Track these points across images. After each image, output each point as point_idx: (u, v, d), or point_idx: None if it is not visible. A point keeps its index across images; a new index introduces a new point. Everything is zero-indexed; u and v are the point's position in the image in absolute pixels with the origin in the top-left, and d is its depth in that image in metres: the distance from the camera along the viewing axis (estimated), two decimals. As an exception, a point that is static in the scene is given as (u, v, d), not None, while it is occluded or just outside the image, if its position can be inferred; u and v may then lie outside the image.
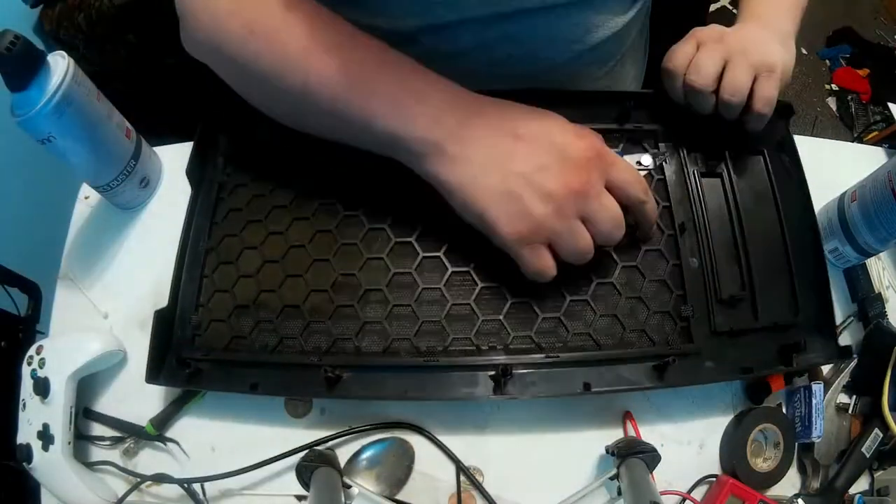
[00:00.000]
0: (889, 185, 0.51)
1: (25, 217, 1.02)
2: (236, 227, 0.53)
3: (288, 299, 0.50)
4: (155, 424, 0.50)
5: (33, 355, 0.49)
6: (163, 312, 0.49)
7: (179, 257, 0.52)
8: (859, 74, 1.95)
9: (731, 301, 0.51)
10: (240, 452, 0.48)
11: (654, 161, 0.51)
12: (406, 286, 0.50)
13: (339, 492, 0.44)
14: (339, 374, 0.47)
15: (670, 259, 0.51)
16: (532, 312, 0.49)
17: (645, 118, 0.56)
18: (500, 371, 0.46)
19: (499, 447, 0.50)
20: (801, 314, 0.51)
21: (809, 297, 0.52)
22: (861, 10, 2.14)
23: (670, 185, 0.54)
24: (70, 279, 0.56)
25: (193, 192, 0.54)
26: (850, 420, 0.53)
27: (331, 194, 0.53)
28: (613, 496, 0.49)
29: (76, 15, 1.12)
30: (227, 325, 0.50)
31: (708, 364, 0.49)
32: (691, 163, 0.55)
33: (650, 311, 0.50)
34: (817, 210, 0.60)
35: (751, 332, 0.50)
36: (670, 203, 0.53)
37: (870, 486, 0.52)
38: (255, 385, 0.47)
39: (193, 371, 0.48)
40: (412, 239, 0.51)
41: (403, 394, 0.47)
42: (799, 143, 0.57)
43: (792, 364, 0.49)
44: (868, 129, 1.86)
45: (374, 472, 0.48)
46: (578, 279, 0.50)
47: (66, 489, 0.47)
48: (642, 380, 0.48)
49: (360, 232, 0.51)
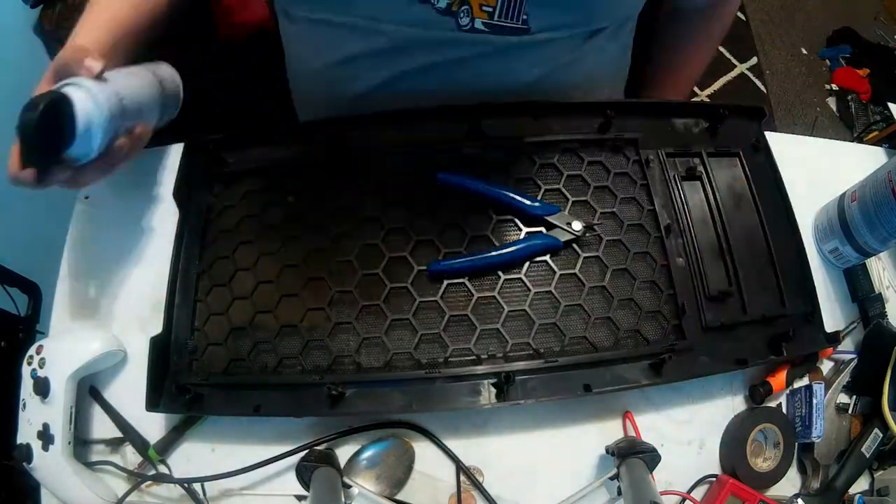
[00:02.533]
0: (889, 185, 0.51)
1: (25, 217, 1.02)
2: (228, 249, 0.53)
3: (285, 319, 0.50)
4: (158, 450, 0.49)
5: (33, 355, 0.49)
6: (158, 339, 0.49)
7: (171, 281, 0.51)
8: (859, 74, 1.95)
9: (720, 297, 0.52)
10: (240, 452, 0.48)
11: (583, 227, 0.52)
12: (403, 300, 0.50)
13: (339, 492, 0.44)
14: (342, 392, 0.47)
15: (658, 260, 0.53)
16: (528, 319, 0.50)
17: (625, 127, 0.57)
18: (501, 378, 0.46)
19: (499, 447, 0.50)
20: (787, 305, 0.52)
21: (794, 288, 0.53)
22: (861, 10, 2.14)
23: (654, 190, 0.55)
24: (70, 279, 0.56)
25: (181, 214, 0.54)
26: (850, 420, 0.53)
27: (322, 213, 0.53)
28: (613, 496, 0.49)
29: (76, 15, 1.12)
30: (225, 347, 0.50)
31: (702, 358, 0.50)
32: (671, 167, 0.56)
33: (642, 311, 0.51)
34: (817, 210, 0.60)
35: (741, 325, 0.52)
36: (654, 206, 0.54)
37: (870, 486, 0.52)
38: (257, 407, 0.47)
39: (194, 396, 0.48)
40: (406, 253, 0.51)
41: (408, 407, 0.47)
42: (799, 143, 0.57)
43: (782, 353, 0.51)
44: (868, 129, 1.86)
45: (374, 472, 0.49)
46: (571, 285, 0.51)
47: (66, 489, 0.47)
48: (640, 378, 0.49)
49: (354, 248, 0.52)
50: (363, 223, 0.52)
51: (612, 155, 0.56)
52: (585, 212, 0.54)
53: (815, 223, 0.60)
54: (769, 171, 0.57)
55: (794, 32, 2.04)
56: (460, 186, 0.53)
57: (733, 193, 0.56)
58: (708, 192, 0.55)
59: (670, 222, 0.54)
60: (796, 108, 1.91)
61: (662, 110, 0.59)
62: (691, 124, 0.59)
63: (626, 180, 0.55)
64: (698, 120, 0.59)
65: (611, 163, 0.56)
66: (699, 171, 0.56)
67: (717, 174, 0.56)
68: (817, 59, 2.03)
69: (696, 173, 0.56)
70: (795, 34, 2.04)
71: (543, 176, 0.55)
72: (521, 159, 0.55)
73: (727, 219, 0.54)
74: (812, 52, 2.03)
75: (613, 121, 0.56)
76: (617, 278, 0.51)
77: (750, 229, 0.55)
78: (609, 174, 0.55)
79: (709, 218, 0.55)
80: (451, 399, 0.48)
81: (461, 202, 0.53)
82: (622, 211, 0.54)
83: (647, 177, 0.55)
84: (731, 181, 0.56)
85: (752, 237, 0.54)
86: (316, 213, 0.53)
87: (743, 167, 0.57)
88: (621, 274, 0.52)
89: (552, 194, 0.54)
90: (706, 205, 0.55)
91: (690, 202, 0.55)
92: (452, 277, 0.51)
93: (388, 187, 0.54)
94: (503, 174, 0.54)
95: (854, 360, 0.55)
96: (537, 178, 0.54)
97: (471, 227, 0.52)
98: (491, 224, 0.53)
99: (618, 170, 0.55)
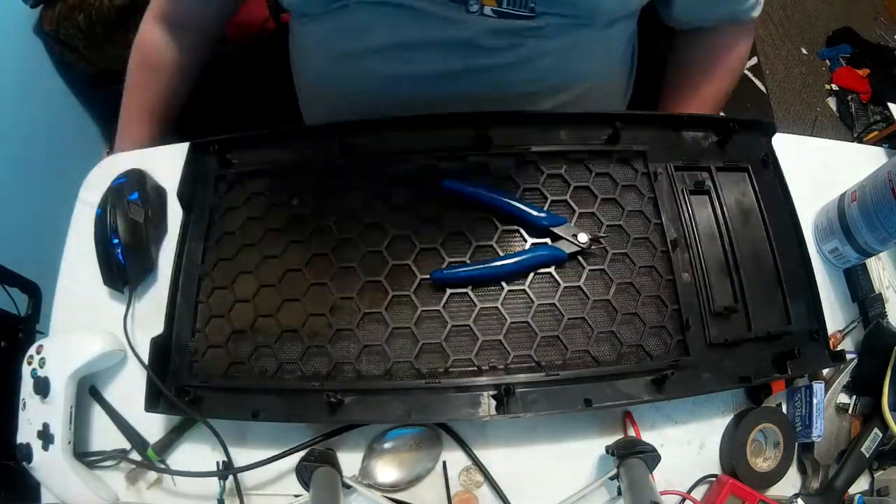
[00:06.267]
0: (889, 185, 0.51)
1: (25, 217, 1.02)
2: (230, 251, 0.53)
3: (286, 324, 0.50)
4: (157, 450, 0.49)
5: (33, 355, 0.49)
6: (159, 339, 0.49)
7: (173, 282, 0.51)
8: (859, 74, 1.95)
9: (725, 313, 0.51)
10: (240, 452, 0.48)
11: (588, 240, 0.51)
12: (405, 308, 0.50)
13: (339, 492, 0.44)
14: (341, 399, 0.47)
15: (664, 275, 0.52)
16: (531, 332, 0.50)
17: (634, 139, 0.56)
18: (501, 391, 0.46)
19: (499, 448, 0.50)
20: (793, 322, 0.52)
21: (800, 305, 0.53)
22: (861, 10, 2.14)
23: (661, 204, 0.54)
24: (70, 278, 0.56)
25: (185, 215, 0.54)
26: (850, 420, 0.53)
27: (326, 217, 0.53)
28: (613, 496, 0.49)
29: (76, 15, 1.12)
30: (225, 350, 0.50)
31: (705, 375, 0.49)
32: (679, 181, 0.55)
33: (646, 326, 0.50)
34: (817, 210, 0.60)
35: (745, 342, 0.51)
36: (662, 220, 0.54)
37: (870, 486, 0.52)
38: (256, 412, 0.47)
39: (193, 398, 0.47)
40: (409, 261, 0.51)
41: (406, 416, 0.47)
42: (799, 143, 0.57)
43: (787, 371, 0.50)
44: (868, 129, 1.86)
45: (396, 458, 0.48)
46: (575, 299, 0.51)
47: (65, 488, 0.47)
48: (641, 393, 0.48)
49: (357, 254, 0.51)
50: (367, 229, 0.52)
51: (620, 167, 0.56)
52: (592, 224, 0.53)
53: (815, 223, 0.60)
54: (778, 186, 0.56)
55: (794, 32, 2.04)
56: (466, 194, 0.53)
57: (741, 209, 0.55)
58: (716, 207, 0.55)
59: (677, 237, 0.53)
60: (796, 108, 1.91)
61: (672, 123, 0.58)
62: (700, 138, 0.58)
63: (633, 193, 0.55)
64: (707, 133, 0.58)
65: (618, 175, 0.55)
66: (707, 186, 0.55)
67: (725, 189, 0.55)
68: (817, 59, 2.03)
69: (704, 187, 0.55)
70: (795, 34, 2.04)
71: (550, 186, 0.54)
72: (527, 169, 0.55)
73: (734, 234, 0.53)
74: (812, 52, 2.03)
75: (622, 132, 0.56)
76: (621, 292, 0.51)
77: (757, 245, 0.54)
78: (617, 186, 0.55)
79: (716, 233, 0.54)
80: (451, 410, 0.47)
81: (466, 210, 0.53)
82: (629, 224, 0.53)
83: (654, 190, 0.55)
84: (740, 196, 0.56)
85: (758, 253, 0.54)
86: (320, 218, 0.53)
87: (752, 182, 0.56)
88: (626, 288, 0.51)
89: (559, 205, 0.54)
90: (713, 220, 0.55)
91: (698, 217, 0.54)
92: (455, 287, 0.50)
93: (394, 193, 0.54)
94: (510, 183, 0.54)
95: (854, 360, 0.55)
96: (544, 189, 0.54)
97: (475, 235, 0.52)
98: (496, 234, 0.52)
99: (625, 182, 0.55)
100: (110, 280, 0.53)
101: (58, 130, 1.20)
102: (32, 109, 1.12)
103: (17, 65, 1.10)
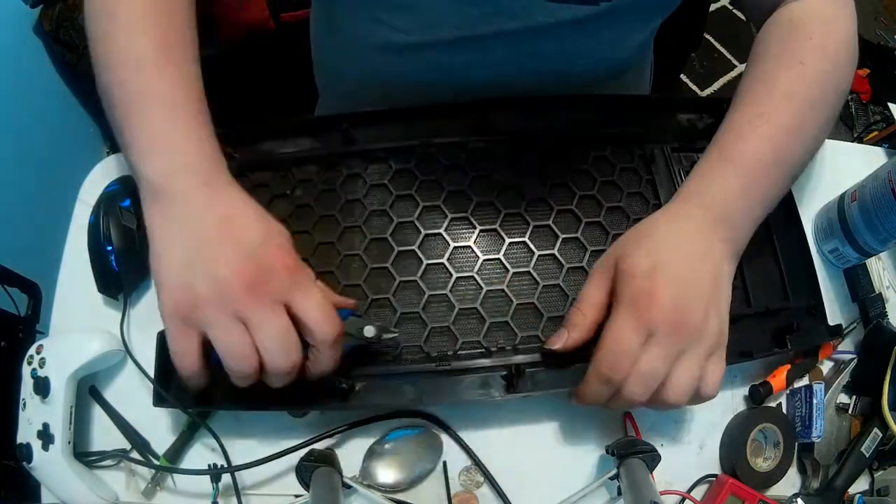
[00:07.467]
0: (889, 185, 0.51)
1: (25, 217, 1.02)
2: None
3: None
4: (168, 457, 0.49)
5: (33, 355, 0.49)
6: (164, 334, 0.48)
7: None
8: (859, 74, 1.95)
9: None
10: (239, 452, 0.48)
11: (375, 332, 0.46)
12: (412, 293, 0.50)
13: (339, 492, 0.44)
14: (352, 385, 0.47)
15: None
16: (537, 313, 0.50)
17: (630, 121, 0.57)
18: (511, 371, 0.47)
19: (498, 448, 0.50)
20: (791, 298, 0.53)
21: (798, 281, 0.54)
22: (861, 10, 2.13)
23: (659, 184, 0.55)
24: (70, 279, 0.56)
25: None
26: (850, 420, 0.53)
27: (330, 206, 0.53)
28: (613, 496, 0.49)
29: (76, 15, 1.12)
30: None
31: None
32: (676, 162, 0.56)
33: None
34: (817, 210, 0.60)
35: (745, 318, 0.52)
36: (660, 201, 0.54)
37: (870, 486, 0.53)
38: (265, 401, 0.46)
39: (200, 392, 0.47)
40: (415, 247, 0.51)
41: (419, 400, 0.47)
42: (799, 142, 0.57)
43: (787, 345, 0.51)
44: (868, 129, 1.85)
45: (396, 460, 0.48)
46: (579, 278, 0.51)
47: (66, 489, 0.47)
48: None
49: (363, 242, 0.52)
50: (371, 217, 0.53)
51: (617, 150, 0.56)
52: (592, 207, 0.54)
53: (815, 223, 0.60)
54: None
55: (794, 32, 2.04)
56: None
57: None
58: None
59: (676, 216, 0.54)
60: (796, 109, 1.91)
61: (667, 106, 0.60)
62: (696, 119, 0.59)
63: (631, 175, 0.56)
64: (702, 115, 0.59)
65: (616, 158, 0.56)
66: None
67: (721, 169, 0.56)
68: (817, 60, 2.02)
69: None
70: (795, 34, 2.03)
71: (550, 171, 0.55)
72: (526, 154, 0.56)
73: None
74: (812, 53, 2.03)
75: (618, 115, 0.56)
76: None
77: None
78: (615, 169, 0.55)
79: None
80: (462, 391, 0.48)
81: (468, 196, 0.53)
82: (628, 205, 0.54)
83: (652, 172, 0.56)
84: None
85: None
86: (324, 207, 0.53)
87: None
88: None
89: (559, 188, 0.54)
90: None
91: (695, 197, 0.55)
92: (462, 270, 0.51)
93: (400, 183, 0.54)
94: (510, 168, 0.55)
95: (854, 360, 0.55)
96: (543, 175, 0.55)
97: (479, 220, 0.53)
98: (499, 217, 0.53)
99: (623, 164, 0.56)
100: (105, 287, 0.53)
101: (57, 130, 1.20)
102: (32, 109, 1.12)
103: (17, 65, 1.10)
